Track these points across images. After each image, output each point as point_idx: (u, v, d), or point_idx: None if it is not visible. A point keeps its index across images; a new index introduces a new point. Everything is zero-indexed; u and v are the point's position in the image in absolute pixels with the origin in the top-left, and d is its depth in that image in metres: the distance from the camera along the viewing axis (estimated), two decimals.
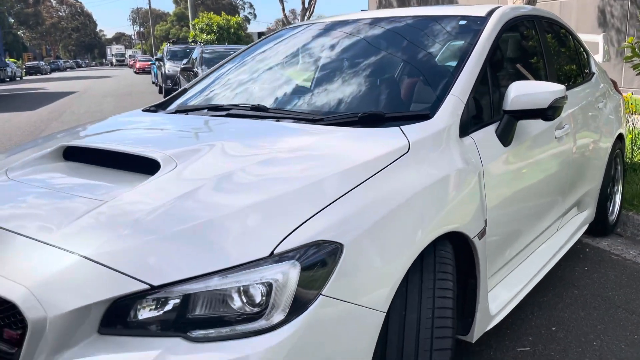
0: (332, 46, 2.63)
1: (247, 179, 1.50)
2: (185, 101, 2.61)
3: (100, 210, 1.38)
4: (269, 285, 1.21)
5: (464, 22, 2.43)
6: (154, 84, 22.05)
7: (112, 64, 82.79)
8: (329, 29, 2.75)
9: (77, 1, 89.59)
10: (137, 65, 39.91)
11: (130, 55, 73.42)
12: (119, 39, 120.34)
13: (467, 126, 1.95)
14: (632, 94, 8.11)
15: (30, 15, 74.68)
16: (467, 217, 1.74)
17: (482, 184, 1.87)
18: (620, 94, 3.95)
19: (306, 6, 28.56)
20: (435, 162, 1.71)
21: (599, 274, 3.00)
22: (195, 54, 11.54)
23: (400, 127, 1.79)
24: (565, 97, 2.08)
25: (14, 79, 36.42)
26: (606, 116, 3.37)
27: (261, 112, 2.18)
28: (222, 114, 2.24)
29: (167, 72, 15.57)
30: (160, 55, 19.58)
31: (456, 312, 1.65)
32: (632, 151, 4.78)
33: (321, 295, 1.26)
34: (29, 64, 51.40)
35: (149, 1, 56.12)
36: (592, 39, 4.29)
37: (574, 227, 3.03)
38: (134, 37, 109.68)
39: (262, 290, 1.21)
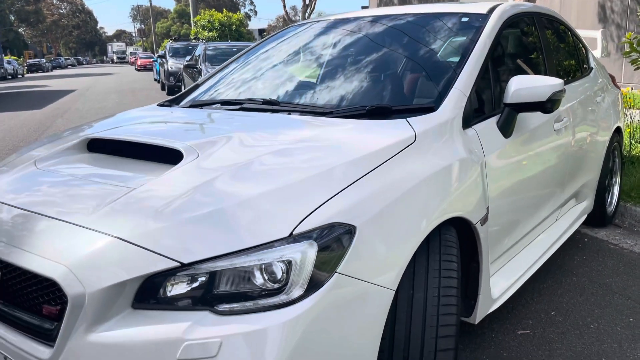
0: (339, 43, 2.72)
1: (265, 166, 1.60)
2: (198, 96, 2.71)
3: (130, 195, 1.48)
4: (289, 263, 1.31)
5: (466, 19, 2.53)
6: (156, 81, 22.13)
7: (112, 62, 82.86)
8: (335, 26, 2.85)
9: None
10: (139, 62, 40.01)
11: (131, 52, 73.44)
12: (120, 36, 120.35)
13: (469, 118, 2.05)
14: (632, 89, 8.21)
15: (31, 12, 74.70)
16: (470, 204, 1.84)
17: (484, 173, 1.97)
18: (618, 88, 4.04)
19: (307, 3, 28.60)
20: (440, 152, 1.81)
21: (597, 262, 3.11)
22: (198, 51, 11.62)
23: (406, 119, 1.89)
24: (563, 91, 2.17)
25: (15, 76, 36.52)
26: (604, 110, 3.47)
27: (273, 106, 2.29)
28: (235, 108, 2.34)
29: (169, 69, 15.66)
30: (162, 52, 19.66)
31: (460, 294, 1.75)
32: (631, 144, 4.87)
33: (336, 273, 1.36)
34: (30, 61, 51.50)
35: None
36: (590, 35, 4.39)
37: (572, 217, 3.13)
38: (134, 34, 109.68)
39: (282, 267, 1.32)
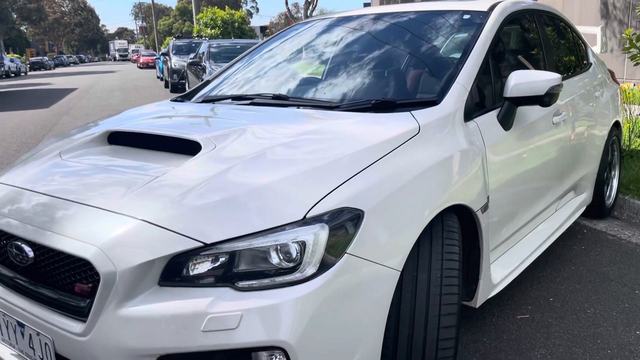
0: (345, 40, 2.82)
1: (279, 156, 1.71)
2: (208, 92, 2.82)
3: (154, 182, 1.59)
4: (303, 244, 1.42)
5: (467, 16, 2.62)
6: (159, 78, 22.25)
7: (115, 59, 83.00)
8: (341, 24, 2.95)
9: None
10: (141, 60, 40.13)
11: (133, 50, 73.54)
12: (122, 33, 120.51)
13: (471, 111, 2.15)
14: (634, 85, 8.27)
15: (33, 10, 74.84)
16: (471, 193, 1.94)
17: (484, 163, 2.07)
18: (617, 83, 4.13)
19: (309, 0, 28.65)
20: (442, 143, 1.91)
21: (595, 252, 3.21)
22: (202, 49, 11.71)
23: (410, 112, 1.99)
24: (560, 85, 2.27)
25: (18, 74, 36.66)
26: (603, 104, 3.56)
27: (282, 101, 2.39)
28: (246, 102, 2.45)
29: (173, 66, 15.76)
30: (165, 49, 19.76)
31: (461, 279, 1.85)
32: (630, 138, 4.96)
33: (346, 254, 1.46)
34: (33, 59, 51.61)
35: None
36: (590, 31, 4.46)
37: (571, 208, 3.23)
38: (136, 31, 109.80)
39: (296, 248, 1.42)
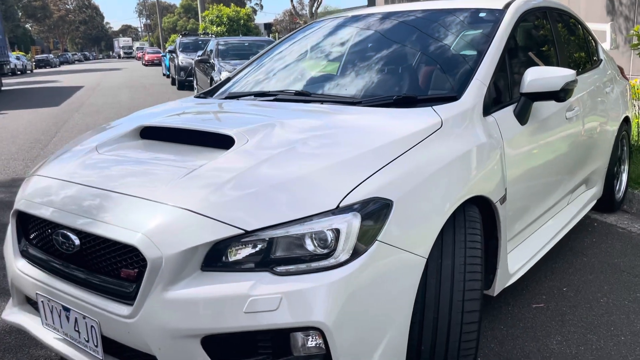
0: (364, 37, 2.90)
1: (309, 149, 1.79)
2: (230, 89, 2.90)
3: (193, 174, 1.67)
4: (337, 231, 1.50)
5: (483, 14, 2.70)
6: (165, 76, 22.37)
7: (119, 57, 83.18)
8: (358, 22, 3.02)
9: None
10: (146, 57, 40.26)
11: (137, 47, 73.73)
12: (126, 31, 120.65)
13: (489, 106, 2.22)
14: None
15: (37, 8, 75.12)
16: (491, 184, 2.02)
17: (502, 156, 2.15)
18: (626, 79, 4.20)
19: None
20: (463, 136, 1.99)
21: (606, 244, 3.28)
22: (210, 46, 11.79)
23: (432, 107, 2.07)
24: (575, 81, 2.34)
25: (24, 72, 36.82)
26: (613, 100, 3.63)
27: (304, 97, 2.47)
28: (270, 99, 2.53)
29: (180, 63, 15.87)
30: (172, 47, 19.85)
31: (483, 266, 1.93)
32: (639, 134, 5.02)
33: (377, 241, 1.55)
34: (38, 57, 51.82)
35: None
36: (600, 28, 4.54)
37: (583, 202, 3.31)
38: (140, 29, 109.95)
39: (330, 235, 1.50)
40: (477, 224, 1.87)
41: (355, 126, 1.97)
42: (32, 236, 1.90)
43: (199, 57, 11.92)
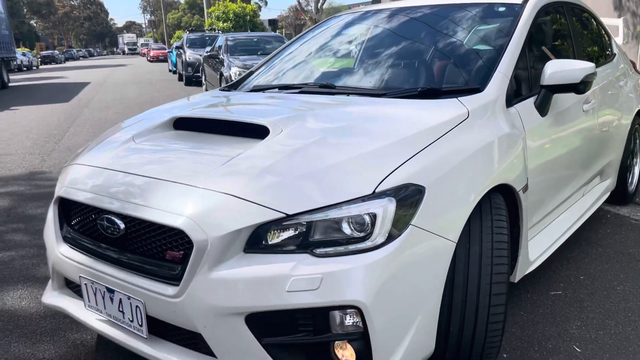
0: (384, 31, 2.96)
1: (343, 137, 1.86)
2: (255, 82, 2.97)
3: (233, 162, 1.74)
4: (373, 215, 1.57)
5: (502, 8, 2.75)
6: (171, 72, 22.44)
7: (124, 53, 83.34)
8: (377, 16, 3.08)
9: None
10: (151, 53, 40.37)
11: (142, 43, 73.78)
12: (130, 27, 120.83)
13: (511, 98, 2.29)
14: None
15: (42, 4, 75.30)
16: (514, 173, 2.09)
17: (525, 146, 2.21)
18: (638, 73, 4.24)
19: None
20: (488, 127, 2.06)
21: (620, 235, 3.34)
22: (219, 42, 11.85)
23: (457, 99, 2.14)
24: (594, 74, 2.40)
25: (30, 68, 37.00)
26: (626, 94, 3.68)
27: (329, 89, 2.54)
28: (295, 91, 2.60)
29: (188, 59, 15.94)
30: (179, 43, 19.91)
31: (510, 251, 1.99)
32: None
33: (411, 225, 1.61)
34: (44, 53, 52.03)
35: None
36: (612, 23, 4.57)
37: (597, 193, 3.37)
38: (144, 25, 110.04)
39: (367, 219, 1.57)
40: (502, 211, 1.94)
41: (384, 116, 2.03)
42: (74, 222, 1.98)
43: (208, 53, 11.99)
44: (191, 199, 1.64)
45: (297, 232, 1.57)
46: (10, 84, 18.75)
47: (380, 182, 1.62)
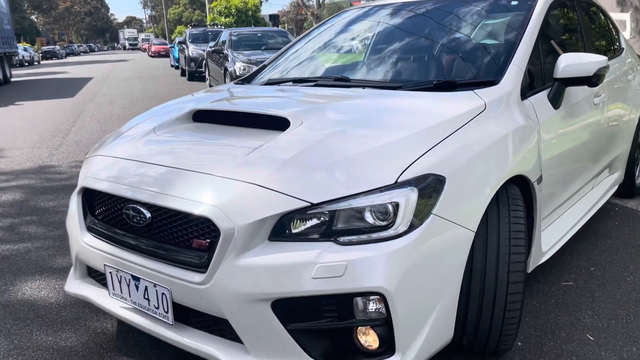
0: (397, 24, 2.99)
1: (363, 129, 1.89)
2: (268, 76, 3.00)
3: (256, 152, 1.78)
4: (396, 204, 1.61)
5: (515, 2, 2.78)
6: (173, 67, 22.45)
7: (124, 48, 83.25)
8: (389, 9, 3.11)
9: None
10: (153, 48, 40.36)
11: (143, 39, 73.71)
12: (130, 22, 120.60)
13: (525, 91, 2.32)
14: None
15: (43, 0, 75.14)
16: (529, 165, 2.12)
17: (539, 138, 2.24)
18: None
19: None
20: (504, 119, 2.09)
21: (628, 227, 3.38)
22: (223, 37, 11.87)
23: (473, 91, 2.17)
24: (607, 67, 2.43)
25: (32, 63, 36.98)
26: (634, 88, 3.71)
27: (344, 82, 2.57)
28: (310, 84, 2.63)
29: (190, 54, 15.95)
30: (181, 38, 19.91)
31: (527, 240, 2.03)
32: None
33: (432, 214, 1.65)
34: (45, 48, 51.96)
35: None
36: (619, 17, 4.60)
37: (606, 186, 3.40)
38: (145, 20, 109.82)
39: (390, 208, 1.61)
40: (519, 202, 1.97)
41: (402, 108, 2.07)
42: (98, 212, 2.01)
43: (212, 48, 12.00)
44: (217, 188, 1.68)
45: (320, 221, 1.61)
46: (12, 79, 18.78)
47: (402, 172, 1.65)
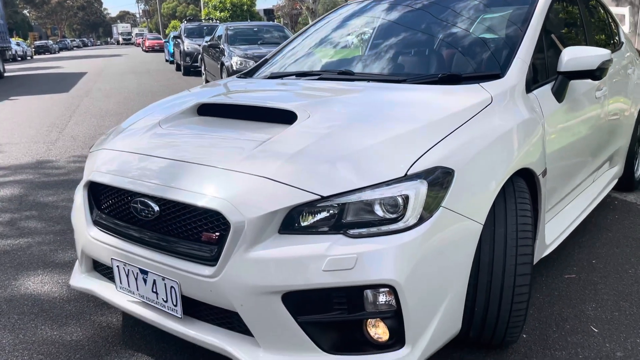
0: (400, 17, 2.99)
1: (372, 122, 1.89)
2: (271, 69, 2.99)
3: (264, 146, 1.77)
4: (406, 197, 1.61)
5: None
6: (167, 62, 22.33)
7: (118, 43, 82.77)
8: (395, 2, 3.10)
9: None
10: (147, 43, 40.13)
11: (137, 33, 73.16)
12: (124, 17, 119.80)
13: (529, 84, 2.32)
14: None
15: None
16: (534, 158, 2.13)
17: (544, 131, 2.25)
18: None
19: None
20: (510, 112, 2.09)
21: (628, 221, 3.40)
22: (219, 32, 11.81)
23: (479, 84, 2.17)
24: (610, 60, 2.44)
25: (24, 58, 36.69)
26: (634, 81, 3.72)
27: (348, 76, 2.56)
28: (314, 78, 2.62)
29: (186, 49, 15.87)
30: (176, 33, 19.80)
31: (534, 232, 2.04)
32: None
33: (441, 207, 1.65)
34: (38, 43, 51.56)
35: None
36: (618, 11, 4.61)
37: (606, 180, 3.42)
38: (139, 15, 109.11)
39: (400, 201, 1.61)
40: (526, 194, 1.98)
41: (409, 101, 2.07)
42: (104, 205, 2.01)
43: (208, 43, 11.94)
44: (226, 181, 1.67)
45: (330, 214, 1.61)
46: (6, 74, 18.62)
47: (411, 165, 1.65)
